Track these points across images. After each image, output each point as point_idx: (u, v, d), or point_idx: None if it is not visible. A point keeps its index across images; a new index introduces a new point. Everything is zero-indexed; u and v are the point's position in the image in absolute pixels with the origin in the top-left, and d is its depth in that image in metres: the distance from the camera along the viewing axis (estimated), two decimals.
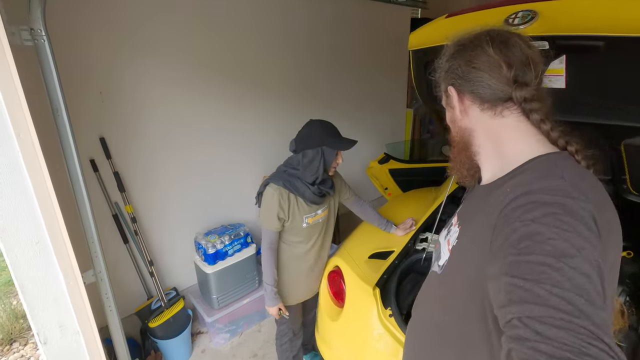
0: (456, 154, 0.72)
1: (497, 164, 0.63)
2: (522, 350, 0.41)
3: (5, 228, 1.13)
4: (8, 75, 1.04)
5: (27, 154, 1.11)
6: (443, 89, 0.71)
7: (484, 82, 0.61)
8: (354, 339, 1.43)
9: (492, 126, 0.63)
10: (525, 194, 0.50)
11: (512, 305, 0.44)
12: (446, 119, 0.74)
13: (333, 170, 1.46)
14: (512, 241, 0.47)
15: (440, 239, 0.78)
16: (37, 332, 1.26)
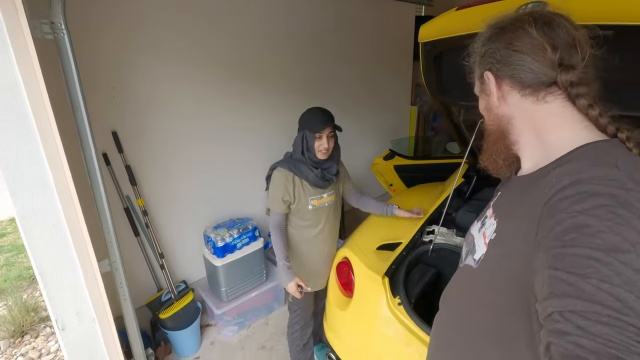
0: (491, 144, 0.68)
1: (539, 153, 0.60)
2: (562, 344, 0.39)
3: (27, 217, 1.16)
4: (30, 68, 1.07)
5: (48, 146, 1.14)
6: (478, 75, 0.67)
7: (525, 66, 0.57)
8: (363, 327, 1.46)
9: (534, 113, 0.59)
10: (574, 183, 0.46)
11: (554, 298, 0.42)
12: (480, 106, 0.71)
13: (321, 153, 1.47)
14: (556, 233, 0.44)
15: (472, 232, 0.75)
16: (56, 319, 1.30)
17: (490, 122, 0.68)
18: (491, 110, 0.66)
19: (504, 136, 0.65)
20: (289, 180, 1.48)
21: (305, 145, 1.46)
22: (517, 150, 0.65)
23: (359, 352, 1.47)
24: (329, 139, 1.46)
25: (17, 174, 1.09)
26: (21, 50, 1.04)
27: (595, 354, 0.36)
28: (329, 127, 1.43)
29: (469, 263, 0.69)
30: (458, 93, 1.58)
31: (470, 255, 0.70)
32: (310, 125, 1.43)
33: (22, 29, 1.04)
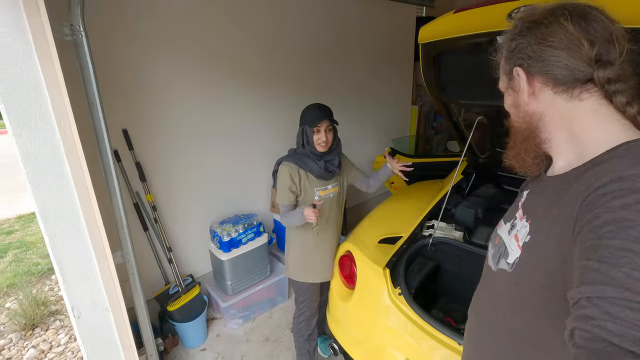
0: (520, 142, 0.66)
1: (574, 152, 0.57)
2: (586, 328, 0.39)
3: (46, 208, 1.22)
4: (52, 67, 1.14)
5: (67, 142, 1.20)
6: (506, 70, 0.64)
7: (560, 62, 0.54)
8: (365, 317, 1.52)
9: (568, 111, 0.57)
10: (615, 180, 0.45)
11: (582, 286, 0.41)
12: (506, 103, 0.68)
13: (320, 146, 1.54)
14: (593, 227, 0.44)
15: (500, 233, 0.73)
16: (72, 307, 1.36)
17: (519, 120, 0.65)
18: (520, 108, 0.64)
19: (534, 134, 0.62)
20: (295, 172, 1.56)
21: (305, 139, 1.54)
22: (549, 148, 0.63)
23: (361, 341, 1.52)
24: (327, 132, 1.53)
25: (38, 167, 1.15)
26: (43, 50, 1.10)
27: (620, 337, 0.36)
28: (325, 121, 1.51)
29: (502, 267, 0.66)
30: (457, 92, 1.64)
31: (502, 259, 0.67)
32: (308, 120, 1.52)
33: (44, 31, 1.10)
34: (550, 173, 0.65)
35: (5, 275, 3.30)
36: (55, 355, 2.28)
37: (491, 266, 0.72)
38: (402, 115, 4.06)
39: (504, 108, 0.71)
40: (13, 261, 3.60)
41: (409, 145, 4.10)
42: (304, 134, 1.54)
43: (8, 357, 2.28)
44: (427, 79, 1.58)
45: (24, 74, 1.08)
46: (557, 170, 0.61)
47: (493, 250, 0.73)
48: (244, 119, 2.52)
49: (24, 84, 1.09)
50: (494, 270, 0.70)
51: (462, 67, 1.48)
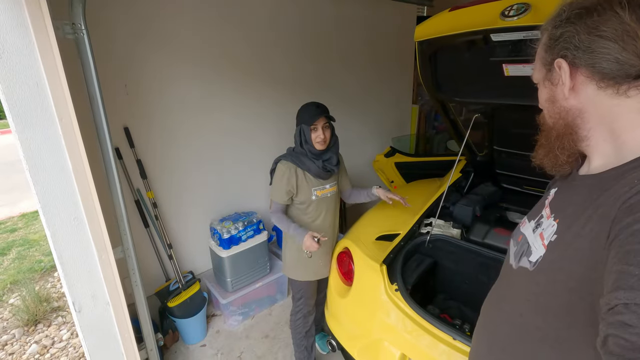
0: (554, 139, 0.62)
1: (612, 151, 0.55)
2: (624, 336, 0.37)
3: (47, 203, 1.24)
4: (54, 66, 1.16)
5: (68, 138, 1.23)
6: (546, 61, 0.59)
7: (610, 55, 0.50)
8: (362, 313, 1.53)
9: (612, 107, 0.53)
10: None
11: (619, 291, 0.39)
12: (540, 97, 0.64)
13: (319, 144, 1.54)
14: (633, 230, 0.42)
15: (524, 231, 0.71)
16: (73, 301, 1.38)
17: (555, 115, 0.61)
18: (556, 102, 0.60)
19: (571, 131, 0.59)
20: (292, 172, 1.56)
21: (303, 138, 1.54)
22: (586, 146, 0.59)
23: (358, 337, 1.54)
24: (325, 129, 1.53)
25: (40, 162, 1.17)
26: (45, 48, 1.12)
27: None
28: (322, 118, 1.51)
29: (523, 265, 0.64)
30: (453, 90, 1.65)
31: (524, 257, 0.65)
32: (305, 118, 1.52)
33: (46, 30, 1.12)
34: (583, 172, 0.62)
35: (8, 272, 3.35)
36: (57, 350, 2.31)
37: (512, 264, 0.70)
38: (403, 114, 4.07)
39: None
40: (16, 258, 3.65)
41: (410, 144, 4.11)
42: (302, 133, 1.54)
43: (11, 352, 2.31)
44: (423, 76, 1.59)
45: (26, 71, 1.11)
46: (593, 169, 0.58)
47: (515, 248, 0.71)
48: (245, 118, 2.54)
49: (26, 81, 1.11)
50: (514, 268, 0.68)
51: (457, 65, 1.49)
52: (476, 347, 0.80)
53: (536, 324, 0.59)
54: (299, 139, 1.57)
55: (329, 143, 1.58)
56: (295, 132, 1.60)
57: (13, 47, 1.07)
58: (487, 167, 2.13)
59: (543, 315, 0.58)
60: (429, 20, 1.36)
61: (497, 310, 0.73)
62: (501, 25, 1.04)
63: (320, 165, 1.56)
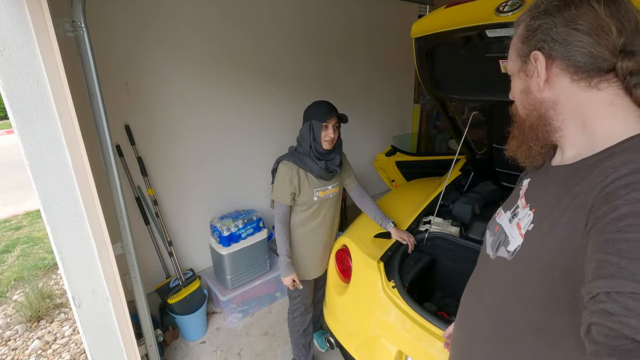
0: (527, 130, 0.63)
1: (584, 142, 0.56)
2: (606, 324, 0.37)
3: (48, 199, 1.26)
4: (54, 63, 1.17)
5: (68, 134, 1.24)
6: (522, 52, 0.60)
7: (585, 49, 0.52)
8: (360, 310, 1.53)
9: (583, 100, 0.55)
10: (635, 172, 0.44)
11: (600, 280, 0.40)
12: (514, 88, 0.65)
13: (327, 143, 1.53)
14: (610, 219, 0.42)
15: (500, 222, 0.72)
16: (73, 296, 1.40)
17: (528, 107, 0.62)
18: (531, 94, 0.60)
19: (544, 122, 0.60)
20: (294, 172, 1.53)
21: (312, 134, 1.51)
22: (559, 137, 0.60)
23: (356, 334, 1.54)
24: (334, 129, 1.52)
25: (40, 158, 1.19)
26: (45, 46, 1.14)
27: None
28: (335, 118, 1.50)
29: (502, 255, 0.65)
30: (450, 87, 1.65)
31: (502, 247, 0.65)
32: (317, 115, 1.49)
33: (46, 27, 1.14)
34: (556, 163, 0.63)
35: (13, 269, 3.38)
36: (59, 346, 2.34)
37: (489, 254, 0.71)
38: (405, 113, 4.07)
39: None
40: (21, 256, 3.69)
41: (411, 143, 4.11)
42: (311, 128, 1.51)
43: (14, 347, 2.34)
44: (421, 74, 1.59)
45: (26, 68, 1.12)
46: (566, 159, 0.60)
47: (492, 239, 0.72)
48: (246, 116, 2.55)
49: (27, 78, 1.13)
50: (492, 258, 0.69)
51: (455, 61, 1.49)
52: (458, 338, 0.80)
53: (517, 312, 0.60)
54: (308, 135, 1.52)
55: (335, 144, 1.57)
56: (302, 129, 1.56)
57: (14, 44, 1.08)
58: (486, 165, 2.13)
59: (524, 303, 0.59)
60: (425, 17, 1.36)
61: (476, 300, 0.74)
62: (496, 20, 1.04)
63: (323, 166, 1.54)
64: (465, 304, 0.79)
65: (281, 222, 1.59)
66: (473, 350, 0.72)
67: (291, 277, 1.61)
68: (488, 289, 0.70)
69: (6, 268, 3.44)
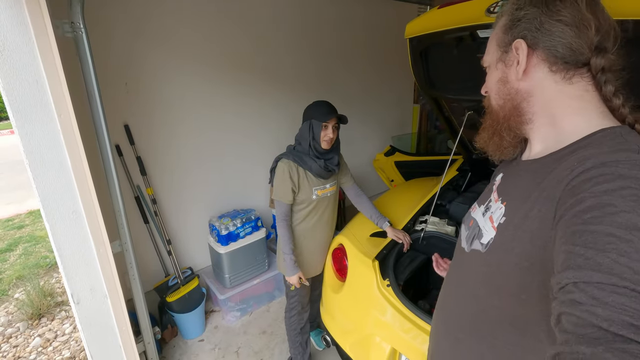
0: (502, 119, 0.63)
1: (552, 136, 0.58)
2: (575, 313, 0.38)
3: (47, 197, 1.28)
4: (53, 63, 1.19)
5: (67, 133, 1.26)
6: (503, 42, 0.60)
7: (566, 40, 0.53)
8: (355, 308, 1.54)
9: (556, 93, 0.56)
10: (598, 166, 0.46)
11: (568, 270, 0.41)
12: (490, 78, 0.65)
13: (325, 143, 1.54)
14: (576, 212, 0.44)
15: (475, 216, 0.73)
16: (72, 293, 1.41)
17: (503, 96, 0.62)
18: (508, 83, 0.61)
19: (517, 113, 0.60)
20: (294, 170, 1.55)
21: (311, 133, 1.52)
22: (529, 130, 0.61)
23: (351, 332, 1.55)
24: (334, 130, 1.53)
25: (39, 157, 1.21)
26: (44, 46, 1.16)
27: (608, 321, 0.36)
28: (335, 118, 1.51)
29: (476, 248, 0.66)
30: (445, 87, 1.66)
31: (476, 240, 0.67)
32: (317, 114, 1.50)
33: (45, 28, 1.16)
34: (525, 157, 0.65)
35: (15, 268, 3.42)
36: (59, 344, 2.36)
37: (464, 247, 0.72)
38: (404, 113, 4.08)
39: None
40: (23, 254, 3.72)
41: (411, 143, 4.12)
42: (311, 127, 1.52)
43: (15, 345, 2.37)
44: (416, 74, 1.60)
45: (26, 68, 1.14)
46: (534, 154, 0.61)
47: (467, 232, 0.74)
48: (245, 116, 2.57)
49: (26, 78, 1.15)
50: (467, 251, 0.70)
51: (448, 61, 1.50)
52: (435, 329, 0.82)
53: (492, 303, 0.61)
54: (307, 134, 1.53)
55: (333, 144, 1.58)
56: (301, 128, 1.57)
57: (13, 44, 1.10)
58: (483, 165, 2.14)
59: (498, 294, 0.60)
60: (418, 17, 1.38)
61: (453, 293, 0.75)
62: (487, 21, 1.05)
63: (322, 164, 1.55)
64: (442, 297, 0.81)
65: (284, 221, 1.59)
66: (451, 340, 0.74)
67: (297, 275, 1.61)
68: (464, 281, 0.71)
69: (8, 266, 3.48)
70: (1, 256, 3.69)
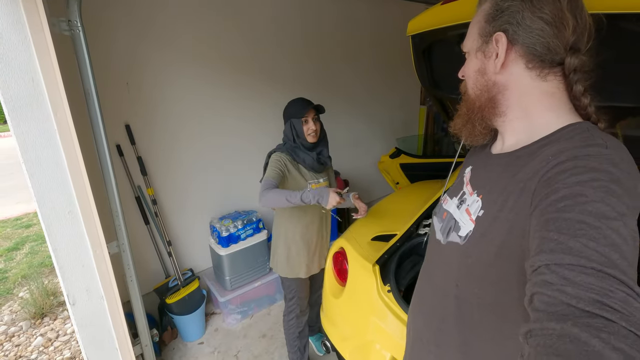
0: (476, 110, 0.64)
1: (524, 130, 0.60)
2: (547, 293, 0.41)
3: (43, 197, 1.27)
4: (49, 61, 1.18)
5: (63, 132, 1.25)
6: (485, 31, 0.60)
7: (544, 39, 0.54)
8: (355, 314, 1.50)
9: (530, 89, 0.58)
10: (572, 159, 0.48)
11: (542, 254, 0.44)
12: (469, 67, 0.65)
13: (310, 137, 1.54)
14: (551, 201, 0.46)
15: (448, 208, 0.73)
16: (67, 294, 1.40)
17: (480, 87, 0.63)
18: (486, 75, 0.61)
19: (492, 105, 0.62)
20: (289, 161, 1.56)
21: (294, 133, 1.54)
22: (501, 122, 0.63)
23: (351, 338, 1.51)
24: (315, 121, 1.54)
25: (35, 156, 1.20)
26: (40, 44, 1.15)
27: (577, 298, 0.38)
28: (312, 110, 1.52)
29: (453, 240, 0.67)
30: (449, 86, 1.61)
31: (453, 232, 0.68)
32: (294, 112, 1.53)
33: (42, 26, 1.15)
34: (496, 151, 0.67)
35: (20, 266, 3.45)
36: (60, 344, 2.36)
37: (440, 239, 0.73)
38: (411, 115, 4.02)
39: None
40: (29, 253, 3.76)
41: (417, 145, 4.05)
42: (292, 127, 1.54)
43: (17, 343, 2.37)
44: (419, 72, 1.56)
45: (22, 67, 1.13)
46: (506, 147, 0.63)
47: (441, 225, 0.74)
48: (247, 118, 2.55)
49: (22, 76, 1.14)
50: (443, 243, 0.71)
51: (452, 59, 1.45)
52: (414, 322, 0.83)
53: (473, 291, 0.63)
54: (290, 134, 1.56)
55: (319, 136, 1.58)
56: (285, 129, 1.59)
57: (9, 43, 1.09)
58: None
59: (478, 283, 0.62)
60: (421, 14, 1.34)
61: (431, 285, 0.76)
62: None
63: (315, 157, 1.57)
64: (419, 290, 0.82)
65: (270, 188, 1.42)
66: (432, 331, 0.75)
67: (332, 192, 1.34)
68: (442, 273, 0.72)
69: (14, 265, 3.51)
70: (8, 255, 3.73)
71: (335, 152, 1.95)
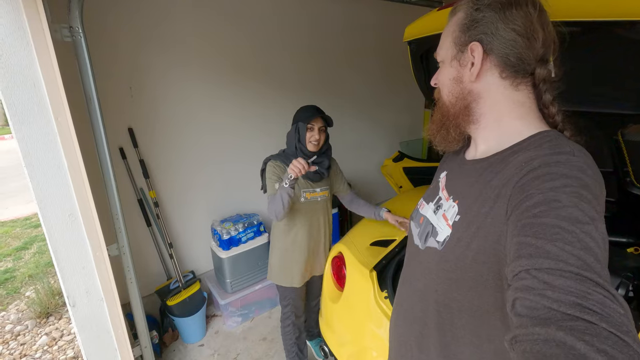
0: (451, 117, 0.65)
1: (495, 137, 0.62)
2: (528, 297, 0.42)
3: (44, 199, 1.29)
4: (50, 67, 1.20)
5: (64, 136, 1.27)
6: (460, 41, 0.61)
7: (517, 50, 0.56)
8: (352, 319, 1.49)
9: (503, 98, 0.59)
10: (543, 166, 0.50)
11: (521, 259, 0.45)
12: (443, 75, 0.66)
13: (311, 145, 1.53)
14: (526, 207, 0.48)
15: (424, 213, 0.74)
16: (67, 296, 1.42)
17: (456, 95, 0.63)
18: (461, 83, 0.62)
19: (466, 113, 0.63)
20: (283, 170, 1.55)
21: (297, 136, 1.53)
22: (474, 129, 0.65)
23: (348, 344, 1.50)
24: (320, 132, 1.53)
25: (36, 159, 1.22)
26: (42, 50, 1.17)
27: (558, 302, 0.39)
28: (320, 119, 1.52)
29: (431, 245, 0.68)
30: None
31: (431, 237, 0.69)
32: (302, 117, 1.52)
33: (43, 32, 1.17)
34: (470, 157, 0.68)
35: (28, 266, 3.51)
36: (64, 343, 2.39)
37: (418, 245, 0.74)
38: (415, 119, 4.00)
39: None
40: (37, 252, 3.82)
41: (422, 149, 4.03)
42: (297, 130, 1.53)
43: (22, 342, 2.41)
44: (417, 78, 1.55)
45: (23, 72, 1.16)
46: (479, 154, 0.65)
47: (418, 230, 0.75)
48: (249, 121, 2.56)
49: (24, 81, 1.16)
50: (421, 248, 0.72)
51: None
52: (396, 328, 0.84)
53: (452, 296, 0.64)
54: (293, 137, 1.55)
55: (321, 148, 1.56)
56: (289, 131, 1.59)
57: (11, 48, 1.12)
58: None
59: (457, 287, 0.63)
60: (417, 20, 1.33)
61: (412, 290, 0.77)
62: None
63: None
64: (400, 295, 0.82)
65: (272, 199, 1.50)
66: (415, 336, 0.75)
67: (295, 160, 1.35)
68: (422, 278, 0.73)
69: (23, 264, 3.57)
70: (17, 254, 3.80)
71: (338, 155, 1.94)
